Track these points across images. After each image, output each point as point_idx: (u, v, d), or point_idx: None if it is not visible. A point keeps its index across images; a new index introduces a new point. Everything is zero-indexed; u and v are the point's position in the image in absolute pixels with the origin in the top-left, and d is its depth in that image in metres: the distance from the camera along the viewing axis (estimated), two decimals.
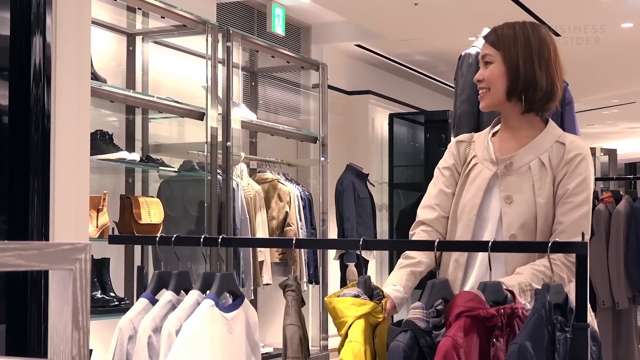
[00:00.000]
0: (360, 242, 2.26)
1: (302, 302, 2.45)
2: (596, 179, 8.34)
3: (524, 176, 2.64)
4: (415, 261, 2.63)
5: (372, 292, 2.34)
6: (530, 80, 2.66)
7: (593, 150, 12.33)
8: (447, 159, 2.84)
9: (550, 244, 2.06)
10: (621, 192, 6.85)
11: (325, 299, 2.33)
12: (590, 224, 2.61)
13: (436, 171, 2.84)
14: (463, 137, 2.88)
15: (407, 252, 2.67)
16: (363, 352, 2.19)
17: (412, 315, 2.05)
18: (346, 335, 2.23)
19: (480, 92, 2.76)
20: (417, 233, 2.74)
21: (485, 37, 2.77)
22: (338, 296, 2.32)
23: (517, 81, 2.67)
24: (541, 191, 2.60)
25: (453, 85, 5.04)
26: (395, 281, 2.56)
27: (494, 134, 2.81)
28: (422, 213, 2.78)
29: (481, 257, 2.62)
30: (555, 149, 2.65)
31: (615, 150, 15.12)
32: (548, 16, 7.46)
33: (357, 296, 2.30)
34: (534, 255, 2.54)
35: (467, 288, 2.61)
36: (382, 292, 2.38)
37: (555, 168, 2.63)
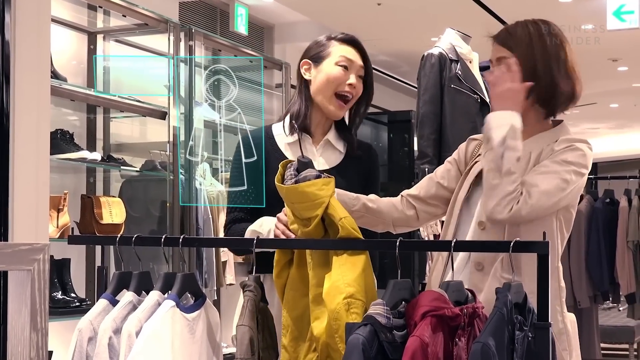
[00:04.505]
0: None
1: (264, 302, 2.43)
2: None
3: None
4: (375, 206, 2.69)
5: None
6: (550, 86, 2.60)
7: None
8: (454, 153, 2.84)
9: (512, 243, 2.06)
10: (582, 192, 6.91)
11: (285, 187, 2.36)
12: (555, 194, 2.49)
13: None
14: (478, 136, 2.81)
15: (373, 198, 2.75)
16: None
17: (372, 311, 2.05)
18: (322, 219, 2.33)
19: None
20: (392, 198, 2.79)
21: (496, 37, 2.68)
22: (296, 182, 2.35)
23: (536, 88, 2.59)
24: None
25: (416, 86, 5.06)
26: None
27: None
28: (409, 189, 2.82)
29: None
30: (551, 147, 2.60)
31: None
32: (509, 17, 7.47)
33: (319, 176, 2.35)
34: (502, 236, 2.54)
35: (447, 279, 2.61)
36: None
37: (543, 159, 2.57)
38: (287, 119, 3.08)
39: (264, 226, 2.81)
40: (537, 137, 2.64)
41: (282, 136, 3.05)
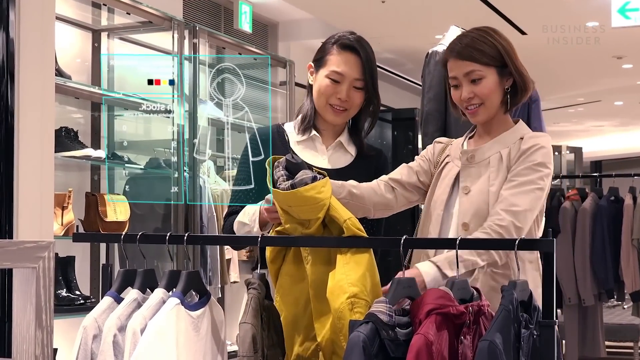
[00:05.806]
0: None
1: (269, 300, 2.43)
2: (562, 177, 8.40)
3: (483, 169, 2.73)
4: (359, 192, 2.71)
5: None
6: (522, 83, 2.75)
7: (559, 148, 12.41)
8: (422, 153, 2.95)
9: (517, 241, 2.06)
10: (587, 190, 6.90)
11: (282, 193, 2.34)
12: (537, 206, 2.64)
13: None
14: (443, 139, 2.97)
15: (354, 184, 2.75)
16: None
17: (375, 309, 2.05)
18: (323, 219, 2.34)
19: (470, 108, 2.77)
20: (369, 183, 2.82)
21: (458, 55, 2.76)
22: (292, 186, 2.33)
23: (516, 88, 2.75)
24: (495, 181, 2.68)
25: (420, 83, 5.05)
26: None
27: (470, 137, 2.89)
28: (391, 173, 2.88)
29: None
30: (517, 144, 2.73)
31: (581, 148, 15.24)
32: (514, 15, 7.48)
33: (314, 177, 2.35)
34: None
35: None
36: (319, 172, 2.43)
37: (513, 160, 2.70)
38: (299, 118, 3.09)
39: (250, 215, 2.80)
40: (502, 137, 2.77)
41: (294, 134, 3.06)
